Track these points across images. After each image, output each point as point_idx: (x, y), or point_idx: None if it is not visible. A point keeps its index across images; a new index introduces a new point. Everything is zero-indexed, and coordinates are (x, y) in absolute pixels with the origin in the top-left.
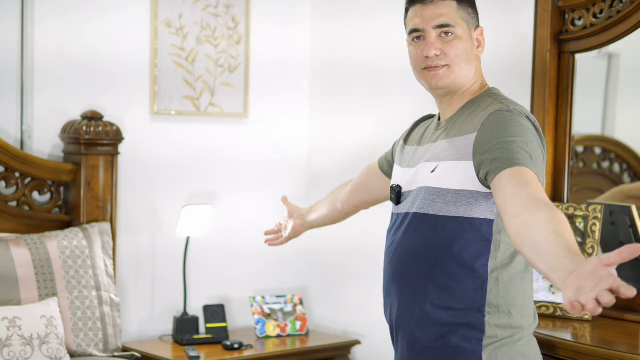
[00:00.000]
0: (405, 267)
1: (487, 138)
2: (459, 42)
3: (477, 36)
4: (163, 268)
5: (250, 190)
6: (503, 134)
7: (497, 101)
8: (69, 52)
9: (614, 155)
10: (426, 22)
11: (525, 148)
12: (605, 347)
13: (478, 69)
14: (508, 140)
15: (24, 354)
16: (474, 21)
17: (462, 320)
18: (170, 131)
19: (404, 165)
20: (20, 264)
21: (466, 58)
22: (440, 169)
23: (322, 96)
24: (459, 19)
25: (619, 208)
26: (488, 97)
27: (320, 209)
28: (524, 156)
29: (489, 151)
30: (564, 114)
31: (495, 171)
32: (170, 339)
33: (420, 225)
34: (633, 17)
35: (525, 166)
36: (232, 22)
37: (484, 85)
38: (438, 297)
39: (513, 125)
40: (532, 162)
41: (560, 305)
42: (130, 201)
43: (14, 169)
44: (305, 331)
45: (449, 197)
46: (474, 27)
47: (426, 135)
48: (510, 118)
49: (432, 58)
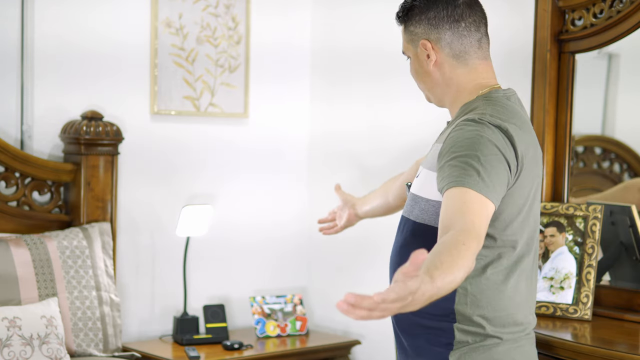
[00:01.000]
0: (391, 268)
1: (443, 152)
2: (411, 64)
3: (421, 51)
4: (163, 268)
5: (250, 190)
6: (459, 147)
7: (477, 107)
8: (69, 52)
9: (614, 155)
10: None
11: (471, 162)
12: (605, 347)
13: (447, 78)
14: (461, 155)
15: (24, 354)
16: (416, 38)
17: (434, 324)
18: (170, 131)
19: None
20: (20, 264)
21: (417, 77)
22: (421, 176)
23: (323, 97)
24: (405, 43)
25: (619, 208)
26: (479, 101)
27: (373, 201)
28: (467, 174)
29: (441, 168)
30: (564, 114)
31: (440, 189)
32: (170, 339)
33: (404, 228)
34: (633, 17)
35: (460, 186)
36: (232, 22)
37: (481, 85)
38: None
39: (473, 137)
40: (479, 177)
41: (560, 305)
42: (130, 201)
43: (14, 169)
44: (305, 331)
45: (422, 204)
46: (417, 46)
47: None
48: (469, 128)
49: None
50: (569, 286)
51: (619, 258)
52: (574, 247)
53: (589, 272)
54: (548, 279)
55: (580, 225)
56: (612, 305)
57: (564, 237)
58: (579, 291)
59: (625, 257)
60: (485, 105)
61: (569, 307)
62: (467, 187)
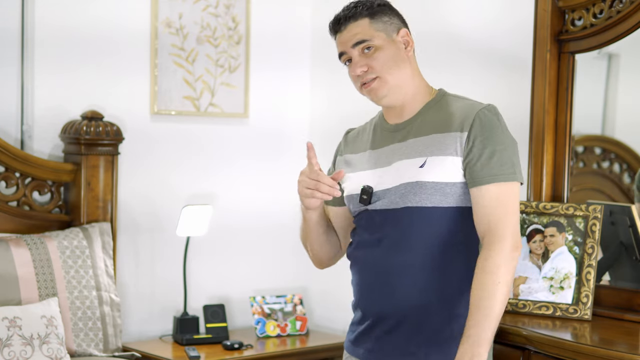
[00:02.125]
0: (405, 258)
1: (477, 141)
2: (380, 53)
3: (401, 38)
4: (163, 268)
5: (250, 190)
6: (491, 140)
7: (463, 99)
8: (69, 52)
9: (614, 155)
10: (346, 45)
11: (507, 156)
12: (605, 347)
13: (415, 69)
14: (496, 149)
15: (24, 353)
16: (393, 27)
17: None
18: (170, 131)
19: (362, 169)
20: (21, 264)
21: (393, 64)
22: (431, 164)
23: (323, 97)
24: (374, 32)
25: (619, 208)
26: (449, 97)
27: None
28: (507, 166)
29: (477, 156)
30: (564, 114)
31: (479, 180)
32: (170, 339)
33: (415, 217)
34: (633, 17)
35: (503, 181)
36: (232, 22)
37: (430, 87)
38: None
39: (497, 129)
40: (513, 167)
41: (560, 305)
42: (130, 201)
43: (14, 169)
44: (305, 331)
45: (447, 189)
46: (395, 32)
47: (373, 139)
48: (493, 121)
49: (361, 75)
50: (569, 286)
51: (619, 258)
52: (573, 247)
53: (588, 272)
54: (548, 279)
55: (580, 225)
56: (612, 305)
57: (563, 237)
58: (579, 291)
59: (625, 257)
60: (464, 98)
61: (568, 307)
62: (506, 183)
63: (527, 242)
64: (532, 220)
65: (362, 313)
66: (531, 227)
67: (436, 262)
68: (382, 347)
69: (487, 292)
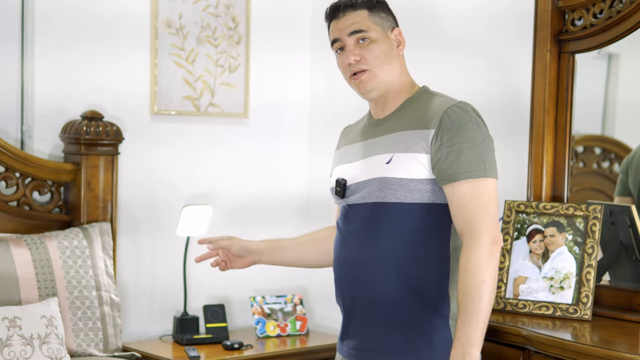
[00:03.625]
0: (367, 253)
1: (444, 139)
2: (375, 45)
3: (395, 36)
4: (163, 268)
5: (250, 189)
6: (459, 137)
7: (439, 96)
8: (69, 52)
9: (614, 155)
10: (341, 32)
11: (477, 152)
12: (605, 347)
13: (403, 67)
14: (464, 147)
15: (24, 353)
16: (389, 24)
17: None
18: (170, 131)
19: (342, 163)
20: (21, 264)
21: (385, 58)
22: (397, 160)
23: (323, 95)
24: (371, 24)
25: (619, 208)
26: (427, 94)
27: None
28: (476, 164)
29: (445, 154)
30: (564, 114)
31: (448, 179)
32: (170, 339)
33: (384, 212)
34: (633, 17)
35: (474, 177)
36: (232, 22)
37: (414, 84)
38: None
39: (466, 126)
40: (484, 164)
41: (560, 305)
42: (130, 201)
43: (14, 169)
44: (305, 331)
45: (412, 185)
46: (390, 29)
47: (360, 132)
48: (463, 118)
49: (353, 64)
50: (569, 286)
51: (619, 258)
52: (573, 247)
53: (588, 272)
54: (548, 279)
55: (580, 225)
56: (612, 305)
57: (563, 237)
58: (579, 291)
59: (625, 257)
60: (442, 95)
61: (568, 307)
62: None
63: (527, 242)
64: (532, 220)
65: (341, 307)
66: (531, 227)
67: (404, 257)
68: (360, 343)
69: (472, 292)
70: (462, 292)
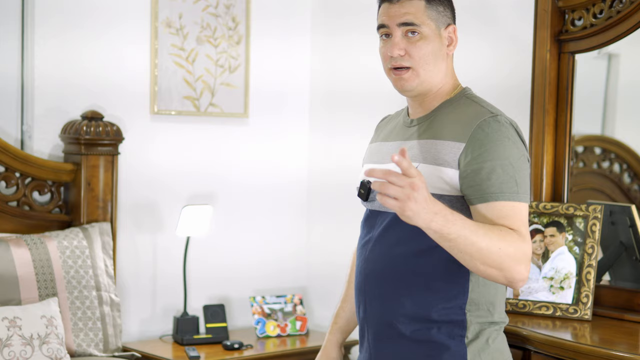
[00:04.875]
0: (385, 266)
1: (475, 154)
2: (424, 43)
3: (448, 34)
4: (163, 268)
5: (251, 190)
6: (492, 154)
7: (477, 103)
8: (69, 51)
9: (614, 155)
10: (391, 20)
11: (510, 172)
12: (605, 347)
13: (449, 68)
14: (496, 165)
15: (24, 353)
16: (444, 19)
17: (444, 317)
18: (170, 131)
19: (370, 162)
20: (21, 264)
21: (432, 59)
22: (421, 171)
23: (323, 95)
24: (425, 18)
25: (619, 208)
26: (466, 99)
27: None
28: (508, 185)
29: (475, 171)
30: (564, 114)
31: (477, 199)
32: (170, 339)
33: (402, 225)
34: (633, 17)
35: (505, 200)
36: (232, 22)
37: (457, 85)
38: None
39: (501, 142)
40: (517, 187)
41: (560, 305)
42: (130, 201)
43: (14, 169)
44: (305, 331)
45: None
46: (444, 26)
47: (394, 131)
48: (498, 132)
49: (395, 58)
50: (569, 286)
51: (619, 258)
52: (573, 247)
53: (588, 272)
54: (548, 279)
55: (580, 225)
56: (612, 305)
57: (564, 237)
58: (579, 291)
59: (625, 257)
60: (480, 102)
61: (569, 307)
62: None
63: None
64: (532, 220)
65: (357, 315)
66: (531, 227)
67: (414, 272)
68: (375, 357)
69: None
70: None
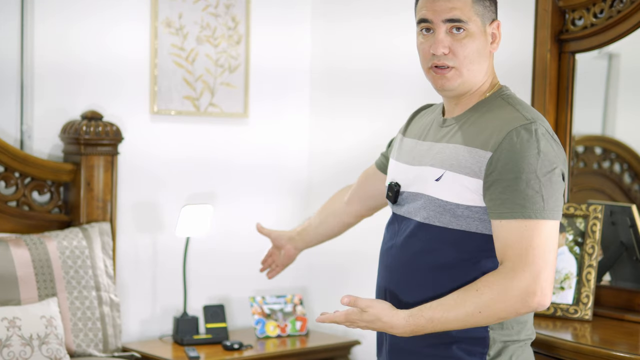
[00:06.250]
0: (406, 277)
1: (499, 165)
2: (469, 41)
3: (492, 30)
4: (163, 268)
5: (251, 190)
6: (517, 166)
7: (512, 106)
8: (68, 51)
9: (614, 155)
10: (436, 15)
11: (536, 188)
12: (605, 347)
13: (490, 66)
14: (522, 178)
15: (23, 354)
16: (490, 14)
17: (464, 333)
18: (170, 131)
19: (402, 160)
20: (20, 264)
21: (476, 57)
22: (447, 179)
23: (323, 96)
24: (472, 14)
25: (619, 208)
26: (501, 100)
27: (317, 227)
28: (534, 203)
29: (499, 184)
30: (564, 114)
31: (496, 213)
32: (170, 339)
33: (426, 234)
34: (633, 17)
35: (524, 218)
36: (232, 22)
37: (495, 83)
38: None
39: (532, 154)
40: (543, 205)
41: (560, 305)
42: (130, 201)
43: (14, 169)
44: (305, 331)
45: (459, 211)
46: (489, 21)
47: (429, 130)
48: (528, 143)
49: (439, 56)
50: (569, 286)
51: (620, 258)
52: (574, 247)
53: (589, 272)
54: None
55: (581, 225)
56: (613, 306)
57: (564, 237)
58: (579, 291)
59: (625, 257)
60: (515, 104)
61: (569, 307)
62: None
63: None
64: None
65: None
66: None
67: (434, 286)
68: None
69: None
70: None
